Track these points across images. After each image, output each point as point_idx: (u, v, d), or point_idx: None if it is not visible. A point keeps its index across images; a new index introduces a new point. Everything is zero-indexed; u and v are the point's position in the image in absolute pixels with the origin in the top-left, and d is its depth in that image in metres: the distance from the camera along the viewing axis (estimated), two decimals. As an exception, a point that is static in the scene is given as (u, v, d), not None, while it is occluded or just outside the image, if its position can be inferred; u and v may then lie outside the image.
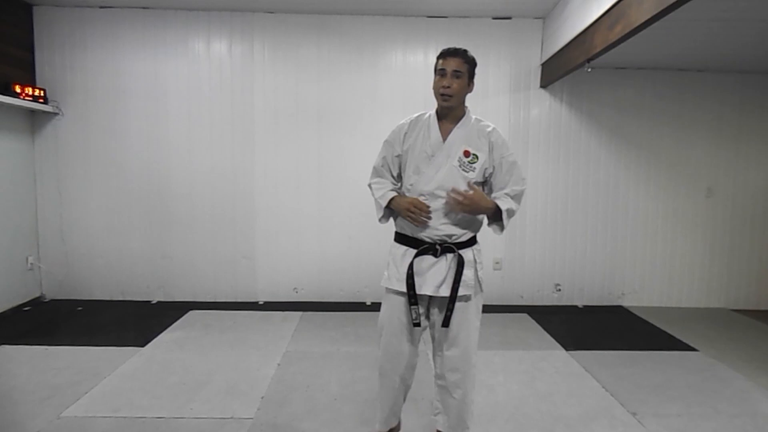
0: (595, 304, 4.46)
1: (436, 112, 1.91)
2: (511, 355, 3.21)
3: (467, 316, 1.86)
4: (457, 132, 1.85)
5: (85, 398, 2.50)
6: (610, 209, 4.41)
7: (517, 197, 1.89)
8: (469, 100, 1.93)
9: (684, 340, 3.55)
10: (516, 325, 3.82)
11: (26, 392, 2.54)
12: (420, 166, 1.85)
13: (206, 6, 4.06)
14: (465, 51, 1.84)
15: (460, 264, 1.81)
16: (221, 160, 4.26)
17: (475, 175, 1.83)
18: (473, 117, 1.91)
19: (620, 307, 4.44)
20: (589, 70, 3.48)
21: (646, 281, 4.49)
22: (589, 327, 3.86)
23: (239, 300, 4.33)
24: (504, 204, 1.83)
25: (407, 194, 1.89)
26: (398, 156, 1.92)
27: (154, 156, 4.23)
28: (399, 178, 1.97)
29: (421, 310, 1.86)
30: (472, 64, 1.85)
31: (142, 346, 3.23)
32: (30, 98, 3.87)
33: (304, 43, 4.19)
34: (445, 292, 1.81)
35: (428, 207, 1.80)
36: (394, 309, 1.90)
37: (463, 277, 1.81)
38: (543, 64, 4.20)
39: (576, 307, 4.42)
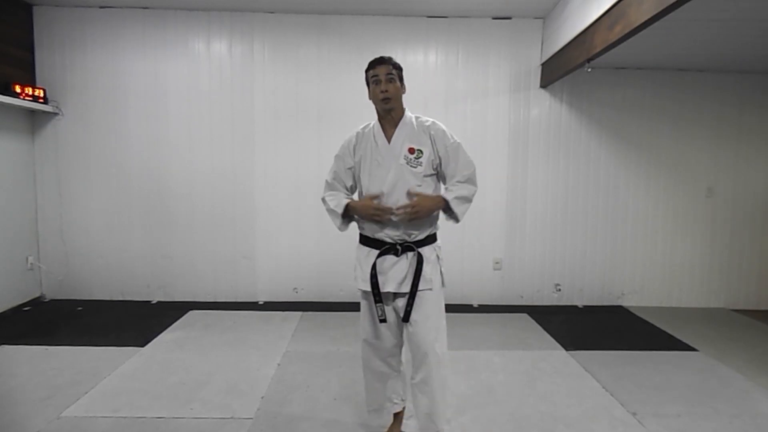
0: (595, 304, 4.46)
1: (379, 121, 2.02)
2: (511, 355, 3.21)
3: (429, 304, 1.93)
4: (400, 132, 1.95)
5: (85, 398, 2.50)
6: (610, 209, 4.41)
7: (469, 180, 1.97)
8: (469, 99, 1.95)
9: (684, 340, 3.55)
10: (516, 325, 3.82)
11: (26, 392, 2.54)
12: (372, 171, 1.96)
13: (206, 6, 4.06)
14: (390, 57, 1.99)
15: (420, 261, 1.90)
16: (221, 160, 4.26)
17: (423, 169, 1.92)
18: (412, 116, 2.01)
19: (620, 307, 4.44)
20: (589, 70, 3.48)
21: (646, 281, 4.49)
22: (589, 327, 3.86)
23: (239, 300, 4.33)
24: (450, 194, 1.91)
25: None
26: (350, 168, 2.03)
27: (154, 156, 4.23)
28: (352, 189, 2.08)
29: (389, 306, 1.97)
30: (399, 68, 1.99)
31: (142, 346, 3.23)
32: (30, 98, 3.87)
33: (304, 43, 4.19)
34: (407, 288, 1.91)
35: (391, 208, 1.87)
36: (366, 306, 2.02)
37: (423, 273, 1.90)
38: (543, 64, 4.20)
39: (576, 307, 4.42)
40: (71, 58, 4.13)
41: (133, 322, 3.74)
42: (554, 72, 3.97)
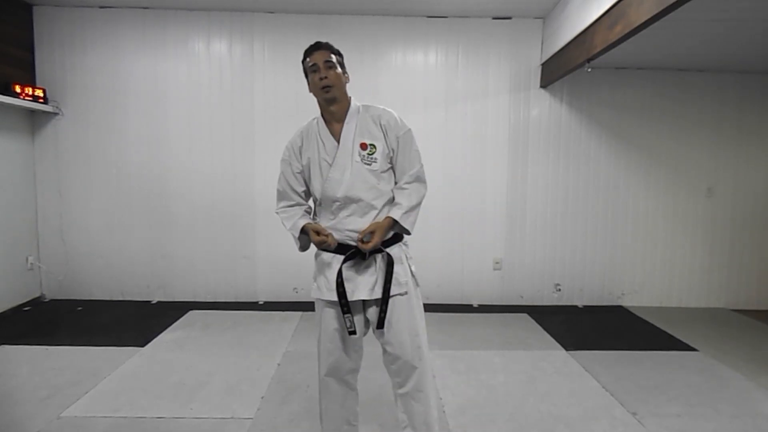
0: (595, 304, 4.46)
1: (322, 115, 1.86)
2: (511, 355, 3.21)
3: (406, 310, 1.79)
4: (348, 127, 1.80)
5: (85, 398, 2.50)
6: (610, 209, 4.41)
7: (418, 179, 1.81)
8: (469, 99, 1.92)
9: (684, 340, 3.55)
10: (516, 325, 3.82)
11: (26, 392, 2.55)
12: (323, 174, 1.80)
13: (206, 6, 4.06)
14: (327, 43, 1.82)
15: (390, 263, 1.75)
16: (221, 160, 4.25)
17: (379, 165, 1.76)
18: (359, 105, 1.85)
19: (620, 307, 4.44)
20: (589, 70, 3.48)
21: (646, 281, 4.49)
22: (589, 327, 3.86)
23: (239, 300, 4.33)
24: (398, 211, 1.75)
25: (318, 208, 1.89)
26: (300, 172, 1.88)
27: (154, 156, 4.23)
28: (306, 195, 1.93)
29: (357, 317, 1.80)
30: (338, 54, 1.83)
31: (142, 346, 3.23)
32: (30, 98, 3.87)
33: (304, 43, 4.11)
34: (380, 293, 1.75)
35: (327, 233, 1.78)
36: (329, 318, 1.84)
37: (395, 275, 1.75)
38: (543, 64, 4.20)
39: (576, 307, 4.42)
40: (71, 58, 4.13)
41: (133, 322, 3.74)
42: (554, 72, 3.97)
